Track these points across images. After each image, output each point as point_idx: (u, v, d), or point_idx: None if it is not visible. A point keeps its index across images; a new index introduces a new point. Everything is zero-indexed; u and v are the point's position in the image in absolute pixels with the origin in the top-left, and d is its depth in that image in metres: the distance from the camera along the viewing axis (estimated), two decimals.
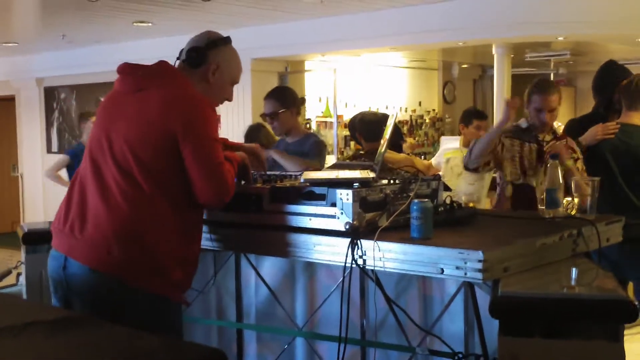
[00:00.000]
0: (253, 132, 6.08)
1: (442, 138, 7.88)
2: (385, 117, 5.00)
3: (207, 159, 2.57)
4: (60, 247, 2.60)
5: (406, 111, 10.74)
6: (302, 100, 4.68)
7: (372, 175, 2.74)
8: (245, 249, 3.20)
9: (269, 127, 5.14)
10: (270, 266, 3.89)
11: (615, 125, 4.08)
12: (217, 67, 2.76)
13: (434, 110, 11.18)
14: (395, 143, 5.51)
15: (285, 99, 4.51)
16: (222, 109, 9.15)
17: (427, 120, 10.96)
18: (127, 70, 2.71)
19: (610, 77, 4.40)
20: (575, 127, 4.45)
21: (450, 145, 6.39)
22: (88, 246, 2.52)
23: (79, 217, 2.57)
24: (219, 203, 2.66)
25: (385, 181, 2.79)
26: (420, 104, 11.03)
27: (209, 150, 2.58)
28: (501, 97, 7.89)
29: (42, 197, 11.06)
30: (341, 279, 2.53)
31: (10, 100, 11.81)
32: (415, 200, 2.53)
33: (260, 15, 7.77)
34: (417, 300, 3.51)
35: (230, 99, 2.88)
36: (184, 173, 2.57)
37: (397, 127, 5.98)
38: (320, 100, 9.46)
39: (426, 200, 2.56)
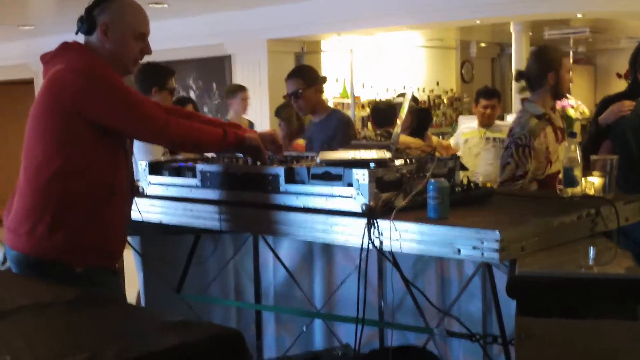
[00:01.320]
0: (282, 109, 6.06)
1: (460, 118, 7.85)
2: (399, 105, 5.02)
3: (117, 106, 2.57)
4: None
5: (424, 91, 10.68)
6: (324, 79, 4.66)
7: (388, 155, 2.72)
8: (261, 230, 3.20)
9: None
10: (288, 248, 3.90)
11: (631, 103, 3.98)
12: (108, 26, 2.64)
13: (452, 90, 11.11)
14: (420, 127, 5.54)
15: (307, 77, 4.49)
16: None
17: (445, 100, 10.90)
18: (41, 59, 2.74)
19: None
20: (606, 106, 4.32)
21: (468, 125, 6.36)
22: (7, 230, 2.64)
23: (8, 209, 2.69)
24: (155, 139, 2.79)
25: (401, 161, 2.77)
26: (438, 83, 10.96)
27: (113, 98, 2.56)
28: None
29: None
30: (358, 260, 2.52)
31: (28, 84, 11.86)
32: (432, 180, 2.51)
33: None
34: (435, 281, 3.51)
35: (147, 52, 2.74)
36: (86, 147, 2.57)
37: (422, 111, 5.97)
38: (337, 81, 9.43)
39: (443, 179, 2.54)
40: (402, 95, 6.18)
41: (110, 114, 2.57)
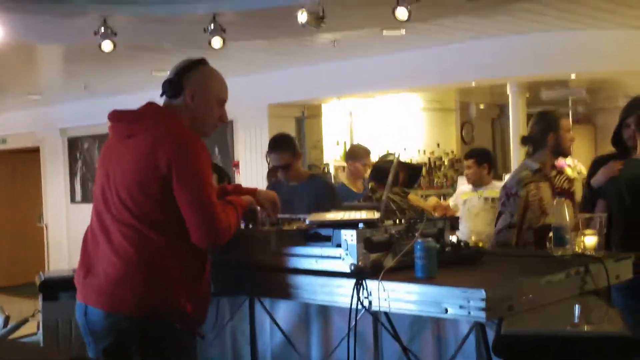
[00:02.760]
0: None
1: (459, 179, 7.88)
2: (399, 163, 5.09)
3: (195, 199, 2.56)
4: (79, 296, 2.68)
5: (424, 153, 10.75)
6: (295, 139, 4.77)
7: (377, 215, 2.76)
8: (253, 292, 3.22)
9: None
10: (284, 310, 3.89)
11: (620, 163, 4.05)
12: (195, 91, 2.70)
13: (452, 151, 11.18)
14: (411, 182, 5.55)
15: (294, 148, 4.57)
16: (241, 154, 9.32)
17: (445, 162, 10.96)
18: (117, 117, 2.74)
19: (623, 111, 4.36)
20: (598, 166, 4.41)
21: (467, 186, 6.40)
22: (100, 292, 2.59)
23: (91, 267, 2.65)
24: (210, 245, 2.66)
25: (390, 222, 2.80)
26: (438, 145, 11.04)
27: (196, 190, 2.56)
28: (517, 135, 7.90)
29: (66, 247, 11.17)
30: (353, 321, 2.54)
31: (35, 152, 12.03)
32: (419, 240, 2.54)
33: (275, 60, 7.90)
34: (432, 341, 3.48)
35: (224, 120, 2.83)
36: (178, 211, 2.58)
37: (411, 168, 5.98)
38: (337, 144, 9.53)
39: (430, 239, 2.57)
40: (391, 154, 6.25)
41: (185, 201, 2.57)
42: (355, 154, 6.11)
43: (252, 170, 8.82)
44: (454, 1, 4.27)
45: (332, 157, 9.45)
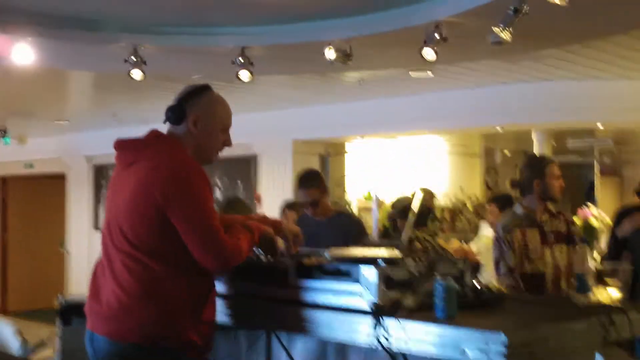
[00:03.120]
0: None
1: (482, 223, 7.81)
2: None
3: (198, 226, 2.55)
4: (88, 324, 2.68)
5: (447, 197, 10.70)
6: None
7: (398, 253, 2.73)
8: (270, 325, 3.18)
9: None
10: (301, 346, 3.82)
11: None
12: (198, 117, 2.70)
13: (476, 196, 11.12)
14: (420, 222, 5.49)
15: (322, 183, 4.56)
16: (263, 190, 9.34)
17: (468, 207, 10.90)
18: (121, 145, 2.75)
19: None
20: (625, 215, 4.37)
21: (490, 232, 6.36)
22: (105, 320, 2.59)
23: (97, 295, 2.66)
24: (220, 269, 2.66)
25: (411, 260, 2.77)
26: (462, 189, 10.99)
27: (197, 217, 2.55)
28: None
29: (88, 274, 11.16)
30: None
31: (60, 177, 12.14)
32: (439, 279, 2.51)
33: (301, 97, 7.95)
34: None
35: (228, 144, 2.81)
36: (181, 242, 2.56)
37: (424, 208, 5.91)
38: (361, 183, 9.51)
39: (450, 279, 2.53)
40: (405, 198, 6.19)
41: (187, 230, 2.56)
42: None
43: (274, 205, 8.80)
44: (481, 44, 4.26)
45: (355, 196, 9.44)
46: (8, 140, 11.20)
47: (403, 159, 9.97)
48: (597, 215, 6.67)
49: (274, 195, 9.04)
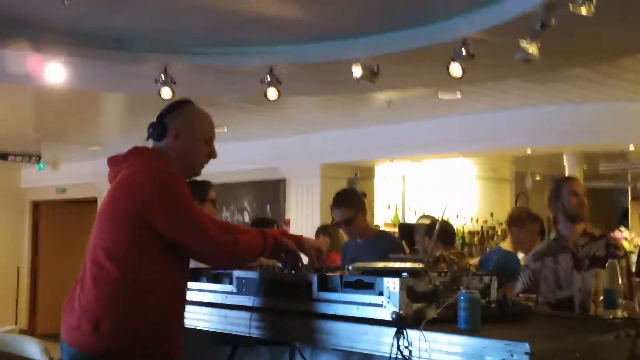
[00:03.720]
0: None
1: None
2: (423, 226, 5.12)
3: (184, 221, 2.58)
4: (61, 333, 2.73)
5: (477, 222, 10.63)
6: (364, 195, 4.72)
7: (421, 266, 2.71)
8: (293, 338, 3.16)
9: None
10: None
11: None
12: (179, 130, 2.71)
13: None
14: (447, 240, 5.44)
15: (354, 203, 4.55)
16: (292, 214, 9.36)
17: (498, 232, 10.80)
18: (108, 162, 2.82)
19: None
20: None
21: (520, 254, 6.29)
22: (69, 328, 2.62)
23: (69, 307, 2.68)
24: (213, 262, 2.74)
25: (435, 273, 2.75)
26: (492, 214, 10.91)
27: (183, 213, 2.59)
28: None
29: None
30: None
31: (93, 202, 12.28)
32: (463, 291, 2.48)
33: (329, 120, 7.98)
34: None
35: (213, 156, 2.83)
36: (152, 251, 2.59)
37: (447, 226, 5.85)
38: (389, 207, 9.49)
39: (475, 291, 2.51)
40: (427, 217, 6.15)
41: (172, 226, 2.59)
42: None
43: (302, 229, 8.80)
44: (508, 62, 4.25)
45: (383, 219, 9.41)
46: (42, 166, 11.40)
47: (432, 184, 9.94)
48: (629, 238, 6.58)
49: (302, 219, 9.05)
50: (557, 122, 7.12)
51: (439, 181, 10.00)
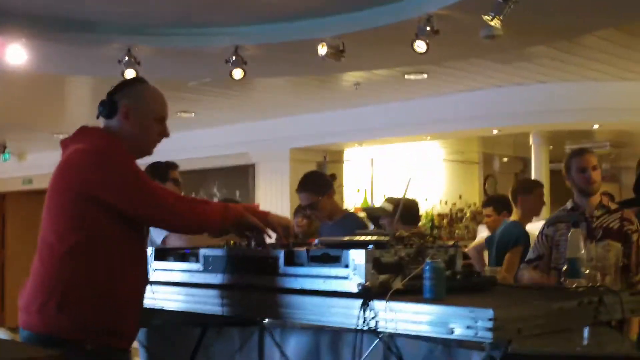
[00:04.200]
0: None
1: (479, 227, 7.81)
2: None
3: (133, 192, 2.58)
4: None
5: (446, 204, 10.71)
6: (334, 177, 4.71)
7: (386, 237, 2.72)
8: (261, 314, 3.17)
9: None
10: (295, 342, 3.82)
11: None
12: (129, 109, 2.70)
13: (474, 203, 11.13)
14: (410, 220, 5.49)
15: (319, 186, 4.54)
16: (261, 199, 9.34)
17: (467, 214, 10.90)
18: (60, 144, 2.79)
19: None
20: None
21: (487, 234, 6.36)
22: (22, 311, 2.63)
23: (23, 290, 2.68)
24: (172, 224, 2.73)
25: (400, 245, 2.76)
26: (460, 197, 11.00)
27: (129, 184, 2.59)
28: None
29: None
30: (365, 354, 2.48)
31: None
32: (428, 260, 2.50)
33: (297, 104, 7.97)
34: None
35: (165, 135, 2.80)
36: (99, 228, 2.58)
37: (411, 205, 5.86)
38: (358, 191, 9.52)
39: (439, 260, 2.53)
40: (390, 199, 6.22)
41: (119, 194, 2.59)
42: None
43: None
44: (473, 39, 4.28)
45: (353, 203, 9.44)
46: (7, 157, 11.21)
47: (401, 167, 9.98)
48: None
49: (272, 204, 9.03)
50: (522, 102, 7.19)
51: (407, 164, 10.05)
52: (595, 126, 7.43)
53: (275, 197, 9.03)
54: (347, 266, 2.59)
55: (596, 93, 6.95)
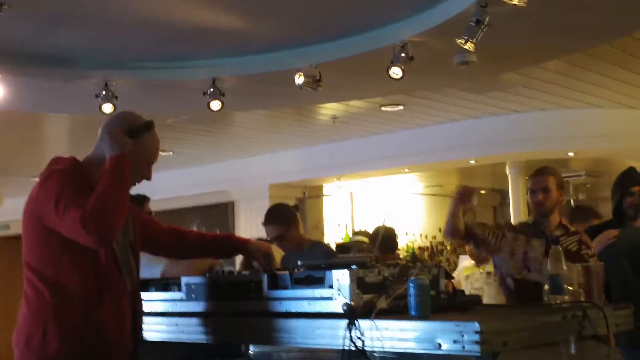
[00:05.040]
0: None
1: (460, 257, 7.83)
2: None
3: (59, 214, 2.47)
4: None
5: (426, 237, 10.75)
6: (297, 208, 4.74)
7: (370, 256, 2.72)
8: (245, 339, 3.14)
9: None
10: None
11: (615, 231, 4.04)
12: (132, 153, 2.65)
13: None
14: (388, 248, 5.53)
15: (285, 218, 4.56)
16: (241, 235, 9.26)
17: (447, 247, 10.94)
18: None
19: (622, 181, 4.38)
20: (592, 235, 4.38)
21: (468, 263, 6.42)
22: (13, 347, 2.62)
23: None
24: (95, 238, 2.46)
25: (384, 265, 2.76)
26: (440, 230, 11.03)
27: (55, 207, 2.47)
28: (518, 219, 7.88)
29: None
30: None
31: None
32: (412, 278, 2.50)
33: (276, 140, 8.00)
34: None
35: (148, 178, 2.79)
36: (58, 255, 2.56)
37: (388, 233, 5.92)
38: (339, 225, 9.52)
39: (423, 277, 2.53)
40: (361, 233, 6.31)
41: (48, 213, 2.51)
42: None
43: None
44: (447, 65, 4.35)
45: (334, 238, 9.43)
46: None
47: (380, 201, 10.01)
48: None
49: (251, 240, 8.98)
50: (498, 132, 7.29)
51: (387, 199, 10.08)
52: (570, 154, 7.52)
53: (254, 234, 8.97)
54: (331, 287, 2.58)
55: (569, 121, 7.06)
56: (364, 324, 2.45)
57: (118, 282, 2.69)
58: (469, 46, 3.61)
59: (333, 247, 8.88)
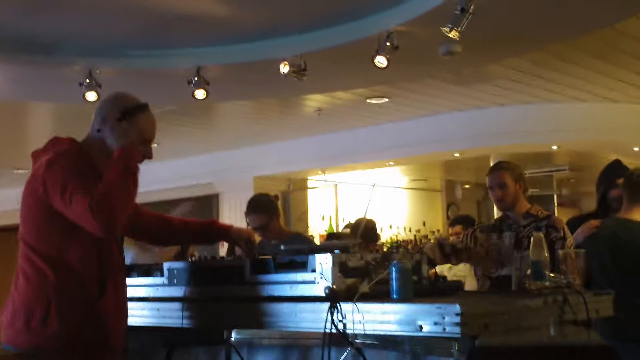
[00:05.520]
0: None
1: None
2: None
3: (69, 198, 2.48)
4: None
5: (410, 230, 10.78)
6: (277, 198, 4.76)
7: (352, 242, 2.73)
8: (229, 324, 3.15)
9: None
10: (263, 358, 3.79)
11: (597, 221, 4.06)
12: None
13: (438, 230, 11.22)
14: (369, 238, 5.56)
15: (267, 208, 4.57)
16: None
17: (432, 240, 10.97)
18: (31, 156, 2.75)
19: (607, 174, 4.41)
20: (574, 226, 4.42)
21: None
22: (4, 327, 2.60)
23: (5, 308, 2.66)
24: (102, 226, 2.47)
25: (367, 250, 2.77)
26: (424, 224, 11.08)
27: (68, 190, 2.48)
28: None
29: None
30: None
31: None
32: (395, 262, 2.51)
33: (261, 132, 7.98)
34: None
35: (148, 157, 2.80)
36: (63, 236, 2.56)
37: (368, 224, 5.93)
38: (323, 218, 9.53)
39: (405, 261, 2.54)
40: (349, 226, 6.39)
41: (57, 201, 2.51)
42: None
43: None
44: (432, 55, 4.37)
45: (318, 231, 9.43)
46: None
47: (365, 194, 10.02)
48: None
49: None
50: (482, 124, 7.32)
51: (371, 193, 10.08)
52: (554, 147, 7.56)
53: (239, 226, 8.99)
54: (313, 271, 2.59)
55: (553, 114, 7.10)
56: (345, 307, 2.46)
57: (119, 266, 2.74)
58: (454, 34, 3.62)
59: (317, 240, 8.95)
